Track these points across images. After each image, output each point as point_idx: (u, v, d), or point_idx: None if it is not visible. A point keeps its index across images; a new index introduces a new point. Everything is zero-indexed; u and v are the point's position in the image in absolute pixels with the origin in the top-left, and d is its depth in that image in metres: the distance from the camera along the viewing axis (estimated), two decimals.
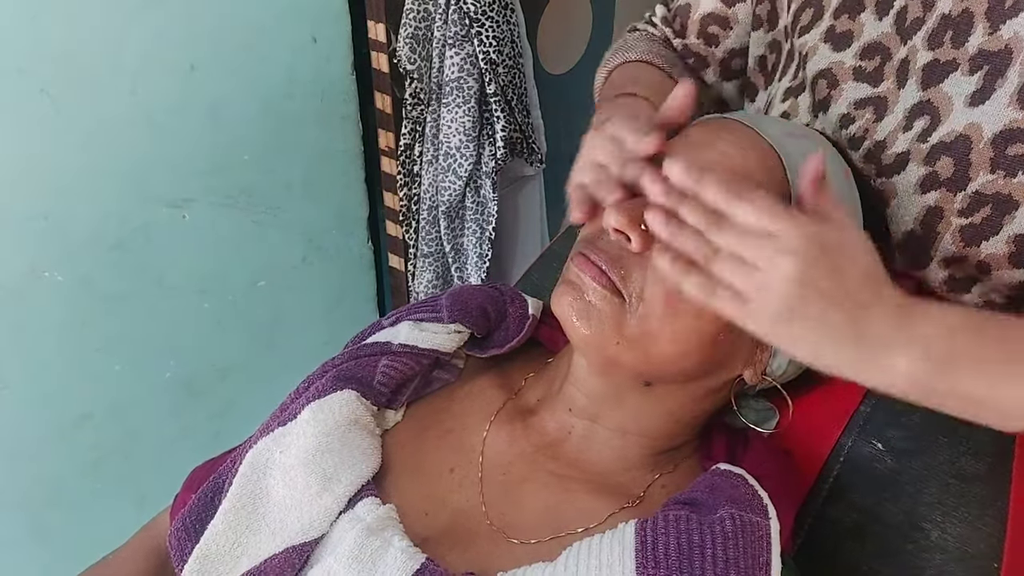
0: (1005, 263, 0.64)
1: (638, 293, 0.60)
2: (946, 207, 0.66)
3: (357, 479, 0.62)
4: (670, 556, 0.53)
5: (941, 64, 0.66)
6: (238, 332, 1.43)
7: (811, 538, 0.67)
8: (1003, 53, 0.62)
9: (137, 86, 1.19)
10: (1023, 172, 0.62)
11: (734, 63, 0.87)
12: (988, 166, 0.63)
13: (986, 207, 0.64)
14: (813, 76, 0.74)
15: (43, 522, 1.30)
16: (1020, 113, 0.61)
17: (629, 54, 0.86)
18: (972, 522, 0.62)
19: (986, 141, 0.63)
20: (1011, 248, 0.63)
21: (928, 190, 0.66)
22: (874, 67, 0.71)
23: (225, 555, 0.61)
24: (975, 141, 0.63)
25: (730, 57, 0.87)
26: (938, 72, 0.66)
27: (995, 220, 0.63)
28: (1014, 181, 0.62)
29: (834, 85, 0.73)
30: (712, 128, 0.66)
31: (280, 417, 0.66)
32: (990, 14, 0.63)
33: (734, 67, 0.88)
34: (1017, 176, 0.62)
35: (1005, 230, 0.63)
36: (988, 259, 0.65)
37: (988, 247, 0.64)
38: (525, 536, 0.61)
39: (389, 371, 0.67)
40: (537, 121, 1.51)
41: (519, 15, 1.40)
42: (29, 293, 1.18)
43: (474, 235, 1.44)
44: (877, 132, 0.70)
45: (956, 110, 0.65)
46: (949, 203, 0.65)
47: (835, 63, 0.72)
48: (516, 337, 0.72)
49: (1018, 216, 0.63)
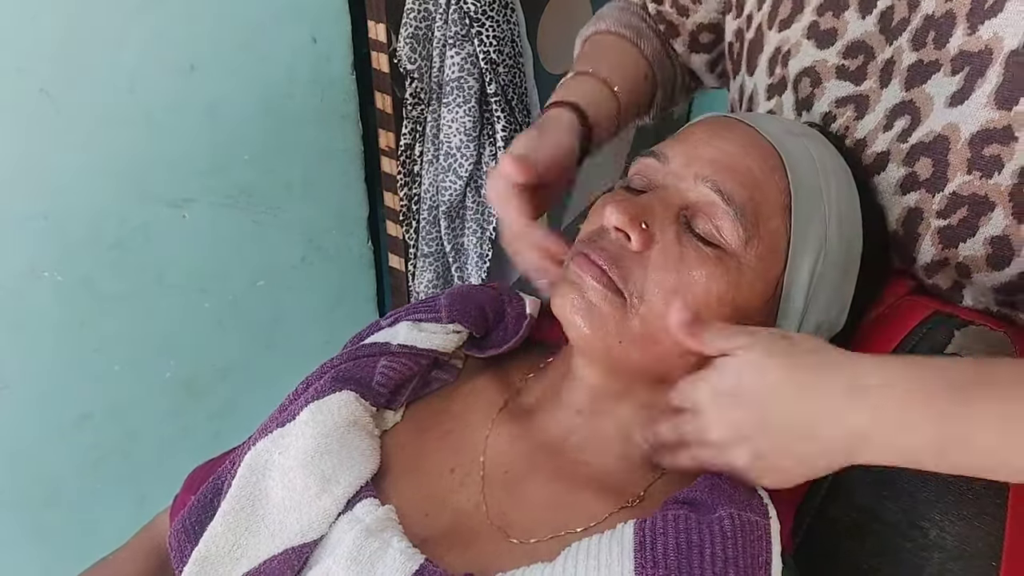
0: (984, 265, 0.64)
1: (639, 292, 0.60)
2: (925, 208, 0.65)
3: (356, 480, 0.62)
4: (669, 556, 0.53)
5: (925, 65, 0.65)
6: (238, 332, 1.43)
7: (810, 537, 0.66)
8: (983, 54, 0.62)
9: (136, 85, 1.18)
10: (999, 173, 0.61)
11: (702, 36, 0.89)
12: (965, 167, 0.63)
13: (963, 208, 0.63)
14: (796, 74, 0.74)
15: (43, 522, 1.30)
16: (997, 113, 0.61)
17: (600, 24, 0.89)
18: (971, 521, 0.61)
19: (964, 141, 0.62)
20: (988, 250, 0.63)
21: (908, 191, 0.66)
22: (857, 66, 0.70)
23: (224, 557, 0.61)
24: (952, 141, 0.63)
25: (698, 31, 0.88)
26: (922, 73, 0.66)
27: (971, 222, 0.63)
28: (990, 182, 0.62)
29: (817, 83, 0.72)
30: (713, 126, 0.66)
31: (279, 418, 0.66)
32: (971, 15, 0.62)
33: (703, 40, 0.89)
34: (993, 177, 0.61)
35: (981, 232, 0.63)
36: (967, 261, 0.64)
37: (965, 249, 0.64)
38: (525, 536, 0.61)
39: (388, 371, 0.67)
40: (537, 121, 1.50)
41: (519, 15, 1.40)
42: (28, 293, 1.18)
43: (474, 235, 1.44)
44: (857, 130, 0.70)
45: (936, 110, 0.64)
46: (928, 204, 0.65)
47: (819, 61, 0.72)
48: (515, 337, 0.72)
49: (994, 217, 0.62)
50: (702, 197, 0.62)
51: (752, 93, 0.81)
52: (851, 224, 0.65)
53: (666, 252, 0.61)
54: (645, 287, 0.60)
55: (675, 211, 0.62)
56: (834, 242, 0.64)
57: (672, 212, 0.62)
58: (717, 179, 0.62)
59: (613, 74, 0.81)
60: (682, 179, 0.63)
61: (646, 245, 0.61)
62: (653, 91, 0.88)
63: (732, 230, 0.61)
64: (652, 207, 0.62)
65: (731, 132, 0.65)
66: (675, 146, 0.65)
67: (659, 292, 0.60)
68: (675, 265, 0.60)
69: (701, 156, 0.63)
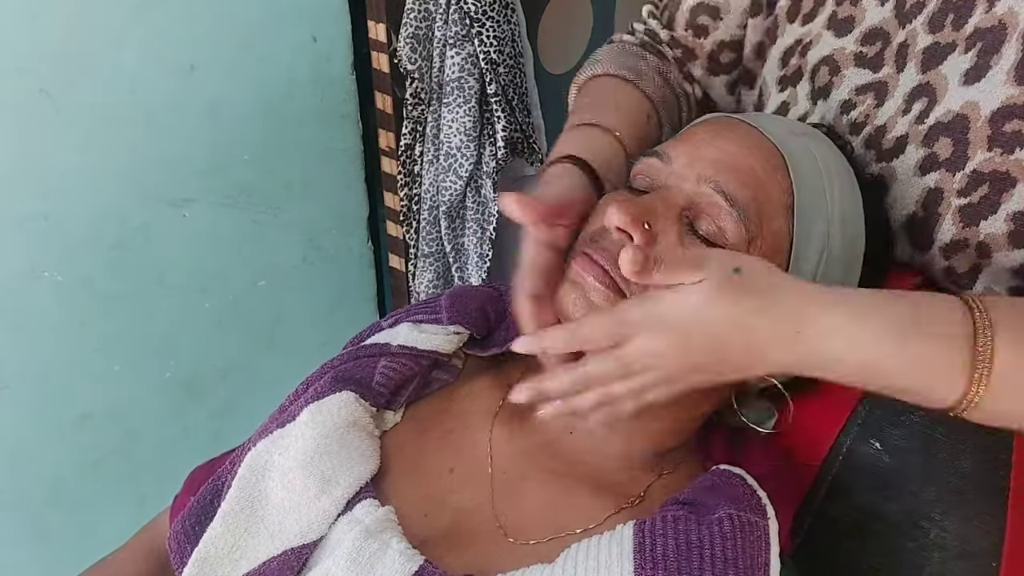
0: (1005, 243, 0.63)
1: (640, 292, 0.60)
2: (946, 187, 0.65)
3: (355, 481, 0.62)
4: (668, 557, 0.53)
5: (941, 47, 0.66)
6: (238, 332, 1.43)
7: (811, 537, 0.66)
8: (996, 29, 0.62)
9: (136, 86, 1.18)
10: (1020, 149, 0.61)
11: (723, 56, 0.85)
12: (986, 144, 0.63)
13: (984, 185, 0.63)
14: (815, 64, 0.74)
15: (43, 522, 1.30)
16: (1017, 89, 0.61)
17: (597, 68, 0.85)
18: (971, 520, 0.62)
19: (984, 119, 0.63)
20: (1010, 227, 0.63)
21: (928, 171, 0.66)
22: (875, 52, 0.70)
23: (224, 558, 0.61)
24: (973, 120, 0.63)
25: (719, 50, 0.85)
26: (938, 55, 0.66)
27: (993, 199, 0.63)
28: (1011, 158, 0.62)
29: (835, 71, 0.72)
30: (716, 127, 0.66)
31: (279, 419, 0.66)
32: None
33: (723, 60, 0.86)
34: (1015, 153, 0.61)
35: (1003, 208, 0.63)
36: (988, 240, 0.64)
37: (987, 227, 0.64)
38: (525, 536, 0.61)
39: (388, 372, 0.67)
40: (538, 121, 1.50)
41: (520, 15, 1.40)
42: (29, 293, 1.18)
43: (475, 235, 1.44)
44: (877, 117, 0.70)
45: (951, 89, 0.65)
46: (948, 183, 0.65)
47: (837, 49, 0.72)
48: (516, 335, 0.72)
49: (1016, 193, 0.62)
50: (705, 197, 0.62)
51: (761, 86, 0.80)
52: (854, 223, 0.65)
53: None
54: (647, 287, 0.60)
55: (677, 211, 0.62)
56: (837, 241, 0.64)
57: (674, 212, 0.62)
58: (720, 179, 0.62)
59: (616, 120, 0.78)
60: (685, 179, 0.63)
61: (649, 246, 0.61)
62: (659, 131, 0.85)
63: (735, 230, 0.61)
64: (655, 207, 0.62)
65: (733, 132, 0.64)
66: (678, 146, 0.65)
67: None
68: None
69: (704, 156, 0.63)
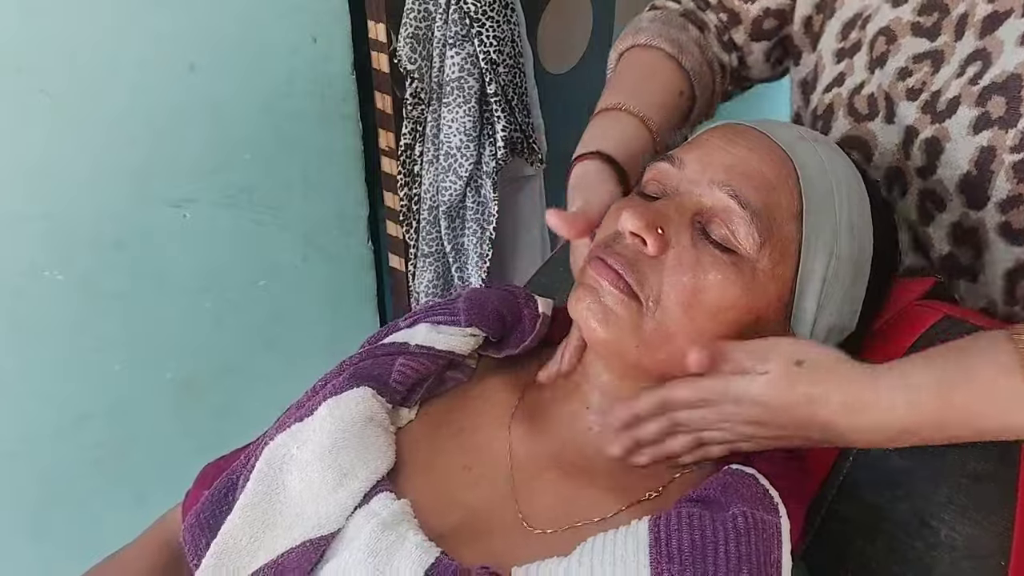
0: None
1: (655, 296, 0.61)
2: (999, 145, 0.67)
3: (372, 475, 0.62)
4: (683, 552, 0.54)
5: (1000, 14, 0.68)
6: (238, 332, 1.43)
7: (821, 536, 0.67)
8: None
9: (137, 86, 1.18)
10: None
11: (767, 23, 0.88)
12: None
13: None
14: (873, 35, 0.76)
15: (43, 521, 1.30)
16: None
17: (639, 37, 0.86)
18: (981, 521, 0.62)
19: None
20: None
21: (981, 130, 0.68)
22: (932, 23, 0.73)
23: (242, 549, 0.62)
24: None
25: (764, 16, 0.88)
26: (996, 21, 0.68)
27: None
28: None
29: (892, 40, 0.75)
30: (728, 133, 0.66)
31: (297, 414, 0.66)
32: None
33: (766, 27, 0.88)
34: None
35: None
36: None
37: None
38: (542, 527, 0.62)
39: (405, 370, 0.68)
40: (538, 121, 1.51)
41: (519, 15, 1.40)
42: (29, 292, 1.17)
43: (474, 235, 1.44)
44: (933, 83, 0.72)
45: (1007, 51, 0.67)
46: (1001, 141, 0.67)
47: (893, 19, 0.75)
48: (530, 336, 0.72)
49: None
50: (717, 202, 0.63)
51: (816, 60, 0.82)
52: (862, 227, 0.66)
53: (681, 257, 0.61)
54: (661, 291, 0.61)
55: (690, 216, 0.63)
56: (845, 246, 0.65)
57: (687, 217, 0.63)
58: (733, 184, 0.62)
59: (648, 102, 0.79)
60: (697, 184, 0.64)
61: (662, 250, 0.61)
62: (690, 107, 0.86)
63: (747, 235, 0.61)
64: (667, 212, 0.63)
65: (745, 138, 0.65)
66: (690, 151, 0.66)
67: (674, 296, 0.61)
68: (690, 270, 0.61)
69: (716, 162, 0.64)
